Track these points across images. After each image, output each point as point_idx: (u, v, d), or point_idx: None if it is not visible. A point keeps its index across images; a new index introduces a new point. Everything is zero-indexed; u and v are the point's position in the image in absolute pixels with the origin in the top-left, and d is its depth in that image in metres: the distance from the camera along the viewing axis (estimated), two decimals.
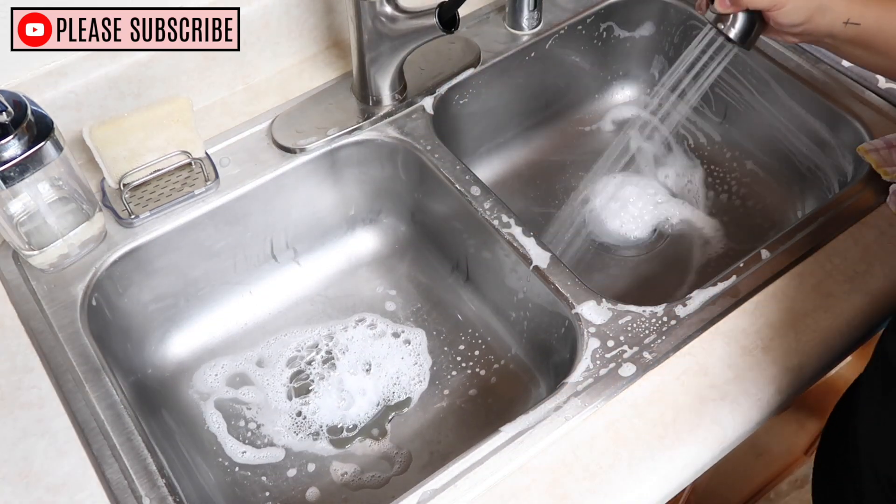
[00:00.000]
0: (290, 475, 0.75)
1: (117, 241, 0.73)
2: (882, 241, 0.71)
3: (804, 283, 0.69)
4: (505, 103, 0.94)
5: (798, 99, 0.86)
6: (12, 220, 0.68)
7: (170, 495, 0.58)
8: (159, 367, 0.80)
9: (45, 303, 0.69)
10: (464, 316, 0.85)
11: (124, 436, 0.61)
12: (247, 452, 0.76)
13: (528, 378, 0.80)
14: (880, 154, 0.75)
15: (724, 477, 0.96)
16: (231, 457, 0.75)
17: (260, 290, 0.86)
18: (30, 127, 0.62)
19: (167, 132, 0.77)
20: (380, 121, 0.83)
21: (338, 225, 0.89)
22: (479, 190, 0.77)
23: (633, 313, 0.67)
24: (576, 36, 0.94)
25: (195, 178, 0.77)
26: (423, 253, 0.89)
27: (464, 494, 0.57)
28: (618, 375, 0.63)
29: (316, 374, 0.81)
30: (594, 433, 0.61)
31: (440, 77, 0.86)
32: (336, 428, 0.78)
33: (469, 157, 0.95)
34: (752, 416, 0.62)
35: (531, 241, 0.73)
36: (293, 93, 0.86)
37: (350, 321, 0.85)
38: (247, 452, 0.76)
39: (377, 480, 0.74)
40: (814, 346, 0.65)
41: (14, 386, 0.64)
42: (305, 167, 0.81)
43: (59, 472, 0.60)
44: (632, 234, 0.91)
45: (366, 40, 0.77)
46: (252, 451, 0.76)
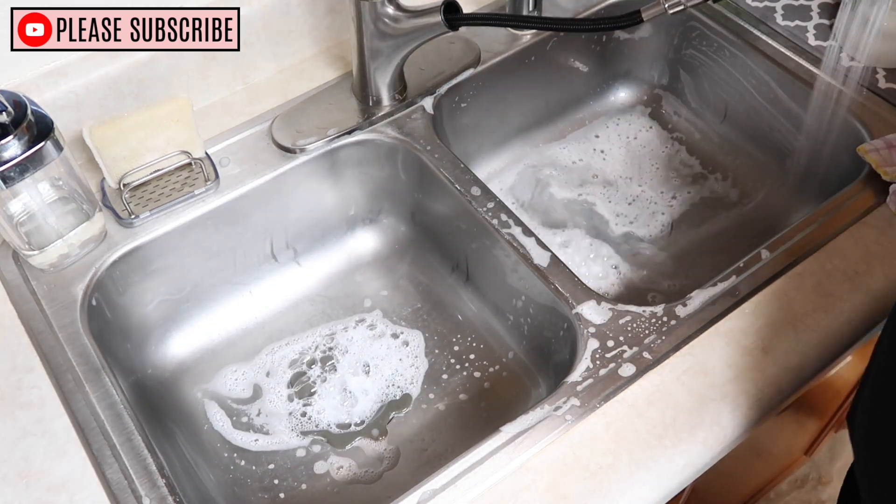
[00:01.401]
0: (290, 475, 0.75)
1: (117, 241, 0.73)
2: (882, 241, 0.71)
3: (804, 283, 0.69)
4: (505, 103, 0.94)
5: (798, 99, 0.86)
6: (12, 220, 0.68)
7: (170, 495, 0.58)
8: (159, 367, 0.80)
9: (45, 303, 0.69)
10: (464, 316, 0.85)
11: (124, 436, 0.61)
12: (259, 440, 0.76)
13: (528, 378, 0.80)
14: (880, 154, 0.75)
15: (724, 477, 0.96)
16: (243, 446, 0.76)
17: (260, 290, 0.86)
18: (30, 127, 0.62)
19: (167, 132, 0.77)
20: (380, 121, 0.83)
21: (338, 225, 0.89)
22: (479, 190, 0.77)
23: (633, 313, 0.67)
24: (576, 37, 0.94)
25: (195, 178, 0.77)
26: (423, 253, 0.89)
27: (464, 494, 0.57)
28: (618, 375, 0.63)
29: (317, 375, 0.81)
30: (594, 433, 0.61)
31: (440, 77, 0.86)
32: (337, 428, 0.78)
33: (469, 157, 0.95)
34: (752, 416, 0.62)
35: (531, 240, 0.73)
36: (293, 93, 0.86)
37: (350, 321, 0.85)
38: (259, 440, 0.76)
39: (370, 476, 0.75)
40: (814, 346, 0.65)
41: (14, 386, 0.64)
42: (305, 167, 0.81)
43: (59, 472, 0.60)
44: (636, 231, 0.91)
45: (366, 40, 0.78)
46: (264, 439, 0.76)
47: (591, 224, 0.92)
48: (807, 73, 0.85)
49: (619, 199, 0.94)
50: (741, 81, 0.92)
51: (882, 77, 0.84)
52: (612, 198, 0.95)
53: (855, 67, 0.84)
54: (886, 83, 0.83)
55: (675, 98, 1.02)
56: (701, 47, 0.94)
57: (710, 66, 0.95)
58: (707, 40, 0.93)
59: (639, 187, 0.96)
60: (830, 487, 1.41)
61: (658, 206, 0.94)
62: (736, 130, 0.96)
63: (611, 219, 0.93)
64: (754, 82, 0.90)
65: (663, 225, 0.92)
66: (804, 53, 0.87)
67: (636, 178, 0.96)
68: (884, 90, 0.83)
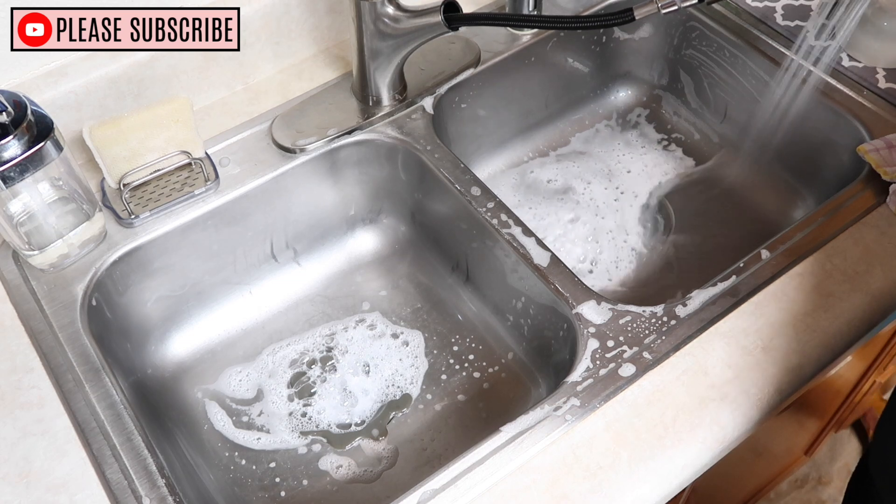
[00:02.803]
0: (290, 474, 0.75)
1: (117, 241, 0.73)
2: (882, 241, 0.71)
3: (804, 283, 0.69)
4: (505, 103, 0.94)
5: (798, 99, 0.86)
6: (12, 220, 0.68)
7: (170, 495, 0.58)
8: (159, 367, 0.80)
9: (45, 303, 0.69)
10: (463, 316, 0.85)
11: (124, 436, 0.61)
12: (262, 439, 0.76)
13: (528, 378, 0.80)
14: (880, 154, 0.75)
15: (724, 477, 0.96)
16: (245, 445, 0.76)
17: (260, 290, 0.86)
18: (30, 127, 0.62)
19: (167, 132, 0.77)
20: (380, 121, 0.83)
21: (338, 225, 0.89)
22: (479, 190, 0.77)
23: (632, 313, 0.67)
24: (575, 37, 0.94)
25: (195, 178, 0.77)
26: (423, 253, 0.89)
27: (464, 494, 0.57)
28: (618, 375, 0.63)
29: (317, 376, 0.81)
30: (594, 433, 0.61)
31: (440, 77, 0.86)
32: (337, 428, 0.78)
33: (469, 157, 0.95)
34: (752, 416, 0.62)
35: (531, 240, 0.73)
36: (293, 93, 0.86)
37: (350, 321, 0.85)
38: (262, 439, 0.76)
39: (370, 475, 0.75)
40: (814, 346, 0.65)
41: (14, 386, 0.64)
42: (305, 167, 0.81)
43: (59, 472, 0.60)
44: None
45: (366, 40, 0.78)
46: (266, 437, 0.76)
47: (591, 223, 0.92)
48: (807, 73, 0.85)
49: (618, 198, 0.94)
50: (741, 81, 0.92)
51: (882, 77, 0.84)
52: (612, 197, 0.95)
53: (855, 67, 0.84)
54: (886, 83, 0.83)
55: (675, 98, 1.02)
56: (701, 47, 0.94)
57: (710, 66, 0.95)
58: (707, 40, 0.93)
59: (639, 187, 0.96)
60: (830, 487, 1.42)
61: (658, 205, 0.94)
62: (736, 130, 0.96)
63: (611, 218, 0.93)
64: (754, 82, 0.90)
65: (663, 225, 0.92)
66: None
67: (636, 178, 0.96)
68: (884, 90, 0.83)
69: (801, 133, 0.88)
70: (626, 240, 0.91)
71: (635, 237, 0.91)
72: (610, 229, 0.92)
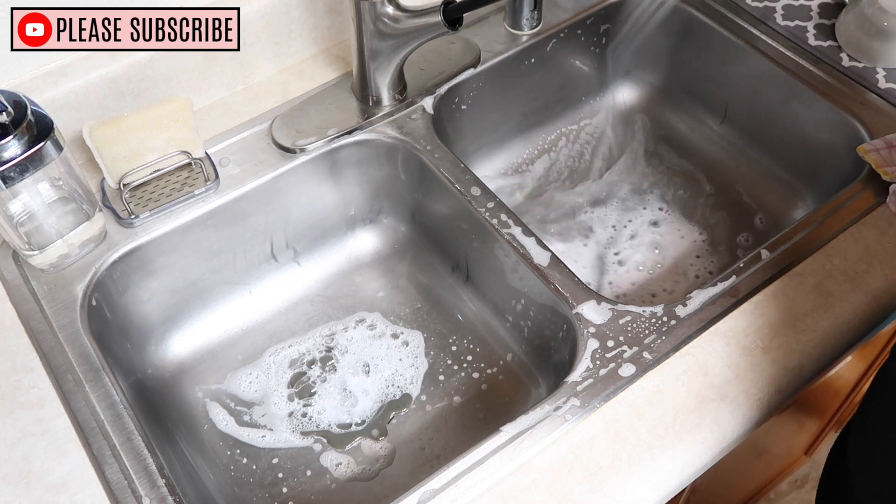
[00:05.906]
0: (290, 474, 0.75)
1: (117, 241, 0.73)
2: (882, 241, 0.71)
3: (804, 283, 0.69)
4: (505, 103, 0.94)
5: (798, 99, 0.86)
6: (12, 220, 0.68)
7: (170, 495, 0.58)
8: (159, 367, 0.80)
9: (45, 303, 0.69)
10: (463, 316, 0.85)
11: (124, 436, 0.61)
12: (266, 437, 0.76)
13: (528, 378, 0.80)
14: (880, 154, 0.75)
15: (724, 477, 0.96)
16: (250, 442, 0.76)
17: (260, 290, 0.86)
18: (30, 127, 0.62)
19: (167, 132, 0.77)
20: (380, 121, 0.83)
21: (338, 225, 0.89)
22: (479, 190, 0.77)
23: (632, 313, 0.67)
24: (576, 37, 0.94)
25: (195, 178, 0.77)
26: (423, 253, 0.89)
27: (464, 494, 0.57)
28: (618, 375, 0.63)
29: (317, 376, 0.81)
30: (594, 433, 0.61)
31: (440, 77, 0.86)
32: (337, 428, 0.78)
33: (469, 157, 0.95)
34: (752, 416, 0.62)
35: (531, 240, 0.73)
36: (293, 93, 0.86)
37: (350, 321, 0.85)
38: (266, 437, 0.76)
39: (369, 474, 0.75)
40: (814, 346, 0.65)
41: (14, 386, 0.64)
42: (305, 167, 0.81)
43: (59, 472, 0.60)
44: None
45: (366, 40, 0.78)
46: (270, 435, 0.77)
47: (591, 223, 0.92)
48: (807, 73, 0.85)
49: (618, 198, 0.95)
50: (741, 81, 0.92)
51: (882, 77, 0.84)
52: (612, 198, 0.95)
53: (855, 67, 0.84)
54: (886, 83, 0.83)
55: (675, 98, 1.02)
56: (701, 47, 0.94)
57: (710, 66, 0.95)
58: (707, 40, 0.93)
59: (639, 187, 0.96)
60: None
61: (658, 206, 0.94)
62: (736, 130, 0.96)
63: (611, 218, 0.93)
64: (754, 82, 0.90)
65: (663, 225, 0.92)
66: (804, 53, 0.87)
67: (636, 178, 0.97)
68: (884, 90, 0.83)
69: (801, 133, 0.88)
70: (626, 238, 0.91)
71: (635, 236, 0.91)
72: (610, 228, 0.92)
